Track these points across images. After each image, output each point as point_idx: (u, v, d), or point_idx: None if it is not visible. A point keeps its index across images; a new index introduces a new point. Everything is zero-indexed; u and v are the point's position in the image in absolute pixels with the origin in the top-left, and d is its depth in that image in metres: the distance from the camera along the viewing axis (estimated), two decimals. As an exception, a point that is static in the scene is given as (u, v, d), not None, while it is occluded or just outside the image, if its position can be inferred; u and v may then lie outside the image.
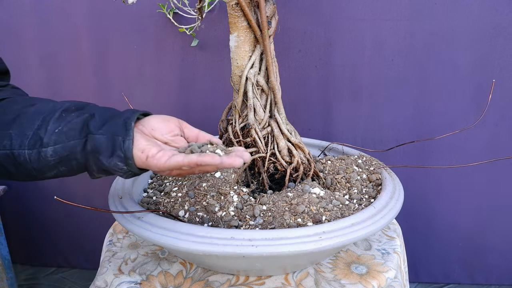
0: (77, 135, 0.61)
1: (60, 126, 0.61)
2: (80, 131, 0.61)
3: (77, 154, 0.61)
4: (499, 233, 1.34)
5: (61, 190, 1.42)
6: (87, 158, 0.61)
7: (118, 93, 1.28)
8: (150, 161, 0.59)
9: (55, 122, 0.61)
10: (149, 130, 0.65)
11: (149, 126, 0.65)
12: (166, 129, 0.66)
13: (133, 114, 0.63)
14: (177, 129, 0.68)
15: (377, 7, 1.15)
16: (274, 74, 0.81)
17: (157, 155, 0.60)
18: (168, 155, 0.60)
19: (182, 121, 0.70)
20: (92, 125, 0.61)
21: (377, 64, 1.20)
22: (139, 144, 0.60)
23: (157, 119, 0.66)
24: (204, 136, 0.69)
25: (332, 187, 0.82)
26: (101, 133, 0.60)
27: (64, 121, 0.61)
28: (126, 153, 0.59)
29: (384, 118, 1.25)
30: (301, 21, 1.18)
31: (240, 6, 0.75)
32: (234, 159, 0.55)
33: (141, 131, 0.64)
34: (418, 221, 1.35)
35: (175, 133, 0.67)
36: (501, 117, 1.21)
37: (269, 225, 0.68)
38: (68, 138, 0.60)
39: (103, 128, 0.61)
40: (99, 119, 0.62)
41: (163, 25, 1.21)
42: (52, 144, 0.60)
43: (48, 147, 0.60)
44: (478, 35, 1.15)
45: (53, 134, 0.60)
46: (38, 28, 1.24)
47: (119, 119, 0.62)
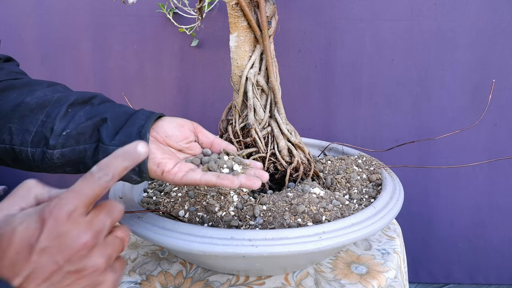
0: (87, 140, 0.58)
1: (68, 128, 0.57)
2: (91, 136, 0.58)
3: (86, 159, 0.58)
4: (498, 233, 1.34)
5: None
6: None
7: (118, 93, 1.28)
8: (165, 176, 0.57)
9: (61, 121, 0.57)
10: (163, 138, 0.62)
11: (163, 133, 0.62)
12: (181, 136, 0.63)
13: (147, 121, 0.59)
14: (192, 135, 0.65)
15: (377, 7, 1.15)
16: (274, 74, 0.81)
17: (173, 170, 0.57)
18: (185, 171, 0.57)
19: (197, 125, 0.67)
20: (104, 132, 0.58)
21: (377, 64, 1.20)
22: (155, 157, 0.57)
23: (171, 124, 0.63)
24: (219, 143, 0.66)
25: (332, 187, 0.82)
26: (114, 144, 0.57)
27: (72, 121, 0.58)
28: (140, 167, 0.57)
29: (384, 118, 1.25)
30: (301, 21, 1.18)
31: (240, 6, 0.75)
32: (253, 182, 0.55)
33: (155, 139, 0.61)
34: (418, 221, 1.35)
35: (189, 140, 0.64)
36: (500, 117, 1.21)
37: (269, 225, 0.68)
38: (78, 143, 0.58)
39: (116, 138, 0.57)
40: (112, 126, 0.58)
41: (163, 25, 1.21)
42: (60, 147, 0.57)
43: (55, 150, 0.57)
44: (477, 35, 1.15)
45: (60, 137, 0.57)
46: (38, 28, 1.24)
47: (133, 127, 0.58)
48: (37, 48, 1.26)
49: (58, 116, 0.57)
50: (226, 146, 0.66)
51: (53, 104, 0.58)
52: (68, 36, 1.24)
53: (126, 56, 1.25)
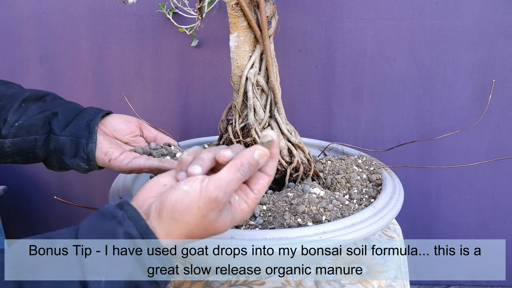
0: (38, 131, 0.63)
1: (21, 119, 0.62)
2: (42, 127, 0.63)
3: (36, 149, 0.63)
4: (500, 234, 1.33)
5: (61, 190, 1.42)
6: (48, 155, 0.64)
7: (117, 93, 1.28)
8: (112, 163, 0.63)
9: (14, 113, 0.62)
10: (111, 131, 0.68)
11: (111, 127, 0.68)
12: (128, 130, 0.70)
13: (96, 115, 0.65)
14: (137, 130, 0.71)
15: (379, 6, 1.15)
16: (274, 74, 0.81)
17: (119, 157, 0.63)
18: (130, 158, 0.63)
19: (142, 122, 0.73)
20: (55, 124, 0.63)
21: (378, 64, 1.20)
22: (102, 147, 0.63)
23: (119, 120, 0.69)
24: (162, 137, 0.73)
25: (332, 187, 0.82)
26: (64, 134, 0.63)
27: (25, 114, 0.62)
28: (89, 155, 0.62)
29: (385, 119, 1.24)
30: (301, 21, 1.18)
31: (240, 6, 0.75)
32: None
33: (103, 132, 0.67)
34: (418, 221, 1.35)
35: (135, 134, 0.71)
36: (502, 118, 1.21)
37: (269, 225, 0.68)
38: (29, 133, 0.62)
39: (67, 129, 0.63)
40: (63, 119, 0.64)
41: (163, 25, 1.21)
42: (11, 137, 0.62)
43: (7, 139, 0.62)
44: (479, 35, 1.15)
45: (12, 127, 0.62)
46: (37, 28, 1.24)
47: (82, 120, 0.64)
48: (36, 48, 1.26)
49: (11, 109, 0.62)
50: (169, 139, 0.73)
51: (7, 99, 0.63)
52: (67, 36, 1.24)
53: (125, 56, 1.25)
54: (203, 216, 0.41)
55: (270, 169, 0.46)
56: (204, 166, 0.45)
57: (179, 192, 0.41)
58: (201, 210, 0.41)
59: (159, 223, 0.41)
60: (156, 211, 0.42)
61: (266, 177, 0.46)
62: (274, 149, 0.45)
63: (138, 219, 0.41)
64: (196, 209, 0.41)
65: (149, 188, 0.45)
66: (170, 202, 0.41)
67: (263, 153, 0.43)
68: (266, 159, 0.44)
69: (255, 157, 0.43)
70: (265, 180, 0.46)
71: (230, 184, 0.42)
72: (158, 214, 0.42)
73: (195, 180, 0.42)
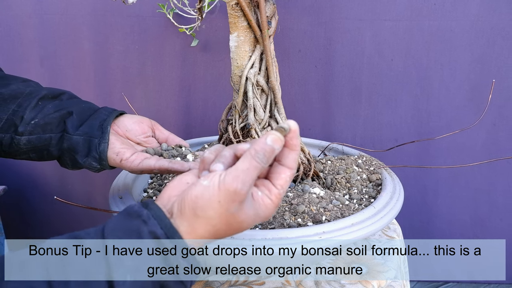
0: (53, 129, 0.64)
1: (37, 118, 0.63)
2: (57, 126, 0.64)
3: (51, 147, 0.64)
4: (497, 232, 1.34)
5: (61, 190, 1.42)
6: (62, 153, 0.65)
7: (119, 93, 1.28)
8: (124, 163, 0.63)
9: (31, 111, 0.63)
10: (123, 131, 0.68)
11: (124, 127, 0.69)
12: (140, 131, 0.70)
13: (109, 116, 0.66)
14: (149, 131, 0.72)
15: (377, 7, 1.15)
16: (274, 74, 0.81)
17: (131, 158, 0.63)
18: (141, 159, 0.64)
19: (155, 123, 0.74)
20: (69, 124, 0.64)
21: (377, 64, 1.20)
22: (114, 147, 0.64)
23: (131, 120, 0.70)
24: (173, 139, 0.73)
25: (332, 187, 0.82)
26: (78, 133, 0.63)
27: (41, 112, 0.63)
28: (101, 155, 0.63)
29: (383, 118, 1.25)
30: (301, 21, 1.18)
31: (240, 6, 0.76)
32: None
33: (116, 132, 0.67)
34: (416, 218, 1.36)
35: (147, 134, 0.71)
36: (499, 117, 1.21)
37: (269, 225, 0.68)
38: (44, 131, 0.63)
39: (80, 129, 0.64)
40: (77, 118, 0.64)
41: (163, 25, 1.21)
42: (27, 134, 0.63)
43: (23, 136, 0.63)
44: (476, 35, 1.15)
45: (29, 125, 0.63)
46: (38, 28, 1.24)
47: (96, 120, 0.65)
48: (37, 49, 1.26)
49: (29, 107, 0.63)
50: (180, 141, 0.73)
51: (25, 96, 0.64)
52: (68, 37, 1.24)
53: (127, 56, 1.25)
54: (225, 210, 0.41)
55: (290, 162, 0.44)
56: (226, 163, 0.44)
57: (199, 187, 0.41)
58: (222, 204, 0.41)
59: (182, 220, 0.42)
60: (178, 209, 0.42)
61: (288, 171, 0.45)
62: (294, 140, 0.43)
63: (163, 218, 0.41)
64: (217, 203, 0.41)
65: (172, 186, 0.46)
66: (191, 198, 0.41)
67: (276, 137, 0.42)
68: (280, 144, 0.42)
69: (268, 142, 0.42)
70: (286, 174, 0.44)
71: (247, 173, 0.41)
72: (180, 211, 0.42)
73: (214, 174, 0.42)
